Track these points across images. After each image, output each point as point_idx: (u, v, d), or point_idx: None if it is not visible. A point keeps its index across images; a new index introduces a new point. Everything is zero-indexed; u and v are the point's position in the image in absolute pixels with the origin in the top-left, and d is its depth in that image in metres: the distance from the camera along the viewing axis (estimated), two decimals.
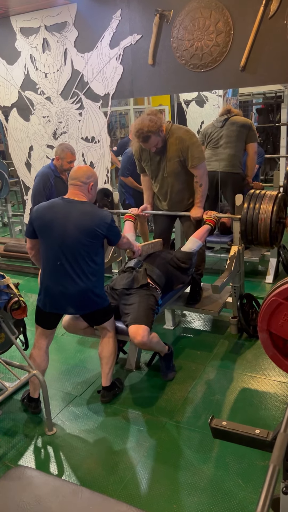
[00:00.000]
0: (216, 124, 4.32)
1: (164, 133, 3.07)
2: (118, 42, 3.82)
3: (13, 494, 1.45)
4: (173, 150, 3.13)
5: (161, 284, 2.91)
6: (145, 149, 3.21)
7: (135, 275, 2.85)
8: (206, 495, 2.02)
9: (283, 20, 3.09)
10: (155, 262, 3.01)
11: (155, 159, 3.22)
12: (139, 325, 2.55)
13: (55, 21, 4.12)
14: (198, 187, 3.22)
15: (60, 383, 2.94)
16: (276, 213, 3.00)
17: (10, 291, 2.46)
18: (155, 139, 3.01)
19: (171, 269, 3.04)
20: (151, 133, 2.95)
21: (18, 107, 4.69)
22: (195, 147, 3.12)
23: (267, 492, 0.93)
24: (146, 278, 2.83)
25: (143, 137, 2.98)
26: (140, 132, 2.96)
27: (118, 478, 2.15)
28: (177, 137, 3.11)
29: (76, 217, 2.43)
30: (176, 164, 3.16)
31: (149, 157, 3.25)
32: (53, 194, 3.67)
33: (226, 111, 4.30)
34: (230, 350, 3.19)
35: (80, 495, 1.44)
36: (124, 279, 2.89)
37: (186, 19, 3.41)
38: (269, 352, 1.98)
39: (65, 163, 3.74)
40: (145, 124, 2.94)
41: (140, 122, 2.97)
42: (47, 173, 3.79)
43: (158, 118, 3.00)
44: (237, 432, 1.35)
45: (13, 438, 2.47)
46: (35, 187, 3.82)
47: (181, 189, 3.28)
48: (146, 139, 2.99)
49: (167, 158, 3.16)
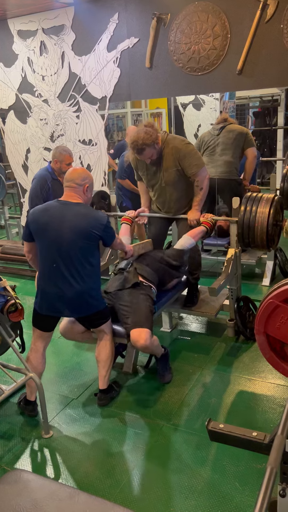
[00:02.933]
0: (212, 132, 4.36)
1: (159, 145, 3.07)
2: (115, 45, 3.83)
3: (9, 498, 1.44)
4: (170, 160, 3.13)
5: (155, 281, 2.92)
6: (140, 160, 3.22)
7: (126, 276, 2.87)
8: (203, 498, 2.01)
9: (279, 24, 3.10)
10: (144, 261, 3.03)
11: (152, 169, 3.22)
12: (142, 328, 2.55)
13: (52, 24, 4.13)
14: (198, 191, 3.22)
15: (57, 386, 2.93)
16: (273, 216, 3.01)
17: (7, 293, 2.46)
18: (149, 151, 3.02)
19: (162, 267, 3.05)
20: (146, 145, 2.96)
21: (15, 109, 4.69)
22: (191, 155, 3.12)
23: (264, 495, 0.93)
24: (138, 277, 2.84)
25: (137, 149, 2.99)
26: (135, 144, 2.97)
27: (115, 481, 2.14)
28: (172, 147, 3.11)
29: (71, 219, 2.43)
30: (174, 174, 3.16)
31: (146, 168, 3.25)
32: (50, 197, 3.66)
33: (223, 120, 4.35)
34: (227, 353, 3.19)
35: (76, 498, 1.43)
36: (116, 281, 2.90)
37: (183, 23, 3.43)
38: (266, 354, 1.98)
39: (63, 166, 3.73)
40: (140, 137, 2.94)
41: (136, 134, 2.98)
42: (45, 176, 3.78)
43: (154, 130, 3.01)
44: (234, 435, 1.35)
45: (10, 441, 2.46)
46: (32, 189, 3.82)
47: (179, 197, 3.27)
48: (141, 151, 3.00)
49: (164, 168, 3.16)
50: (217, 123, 4.39)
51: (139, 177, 3.42)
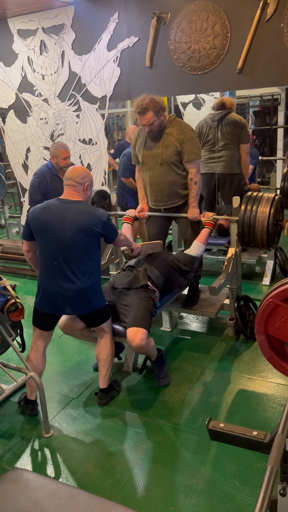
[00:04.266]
0: (210, 123, 4.26)
1: (162, 118, 3.05)
2: (115, 45, 3.82)
3: (9, 497, 1.44)
4: (172, 139, 3.09)
5: (160, 286, 2.88)
6: (142, 134, 3.19)
7: (136, 274, 2.84)
8: (203, 497, 2.01)
9: (279, 23, 3.10)
10: (154, 262, 2.98)
11: (150, 145, 3.18)
12: (138, 328, 2.54)
13: (52, 23, 4.12)
14: (192, 185, 3.18)
15: (57, 385, 2.94)
16: (273, 215, 3.01)
17: (7, 293, 2.46)
18: (151, 116, 2.98)
19: (171, 271, 3.01)
20: (150, 108, 2.95)
21: (15, 109, 4.69)
22: (194, 143, 3.12)
23: (264, 494, 0.93)
24: (147, 279, 2.81)
25: (141, 108, 2.97)
26: (139, 103, 2.97)
27: (115, 481, 2.14)
28: (179, 127, 3.10)
29: (72, 216, 2.43)
30: (172, 153, 3.11)
31: (144, 143, 3.20)
32: (49, 192, 3.67)
33: (221, 105, 4.18)
34: (227, 352, 3.19)
35: (77, 497, 1.43)
36: (124, 278, 2.88)
37: (184, 22, 3.42)
38: (267, 354, 1.98)
39: (60, 161, 3.72)
40: (147, 99, 2.96)
41: (143, 97, 2.99)
42: (44, 171, 3.80)
43: (162, 103, 3.00)
44: (235, 434, 1.35)
45: (10, 441, 2.46)
46: (31, 184, 3.84)
47: (173, 181, 3.20)
48: (143, 112, 2.97)
49: (164, 145, 3.12)
50: (215, 108, 4.23)
51: (136, 159, 3.36)
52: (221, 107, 4.20)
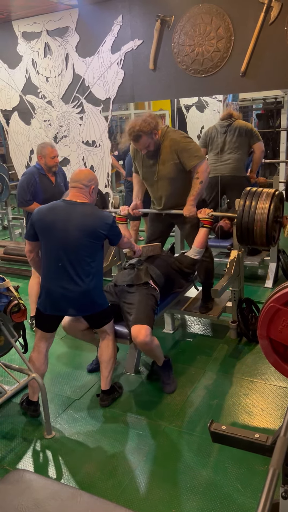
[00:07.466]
0: (219, 129, 4.37)
1: (157, 137, 2.99)
2: (119, 47, 3.84)
3: (11, 497, 1.45)
4: (167, 153, 3.04)
5: (160, 285, 2.90)
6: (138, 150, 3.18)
7: (137, 272, 2.86)
8: (205, 499, 2.01)
9: (283, 26, 3.11)
10: (155, 262, 3.03)
11: (148, 162, 3.14)
12: (142, 325, 2.55)
13: (56, 26, 4.14)
14: (197, 184, 3.08)
15: (59, 387, 2.94)
16: (273, 211, 2.91)
17: (10, 294, 2.46)
18: (146, 140, 2.94)
19: (172, 272, 3.04)
20: (143, 133, 2.89)
21: (19, 110, 4.71)
22: (190, 148, 3.03)
23: (266, 497, 0.93)
24: (149, 276, 2.84)
25: (134, 135, 2.92)
26: (131, 130, 2.91)
27: (117, 482, 2.14)
28: (171, 139, 3.03)
29: (77, 218, 2.44)
30: (171, 168, 3.07)
31: (142, 160, 3.17)
32: (39, 191, 3.63)
33: (228, 116, 4.37)
34: (230, 354, 3.19)
35: (78, 499, 1.43)
36: (126, 275, 2.89)
37: (187, 25, 3.44)
38: (271, 358, 1.97)
39: (48, 160, 3.65)
40: (138, 123, 2.89)
41: (134, 121, 2.93)
42: (32, 171, 3.73)
43: (155, 121, 2.94)
44: (237, 437, 1.35)
45: (12, 442, 2.47)
46: (19, 185, 3.77)
47: (175, 193, 3.17)
48: (137, 138, 2.93)
49: (161, 161, 3.07)
50: (222, 118, 4.41)
51: (136, 169, 3.34)
52: (229, 117, 4.37)
